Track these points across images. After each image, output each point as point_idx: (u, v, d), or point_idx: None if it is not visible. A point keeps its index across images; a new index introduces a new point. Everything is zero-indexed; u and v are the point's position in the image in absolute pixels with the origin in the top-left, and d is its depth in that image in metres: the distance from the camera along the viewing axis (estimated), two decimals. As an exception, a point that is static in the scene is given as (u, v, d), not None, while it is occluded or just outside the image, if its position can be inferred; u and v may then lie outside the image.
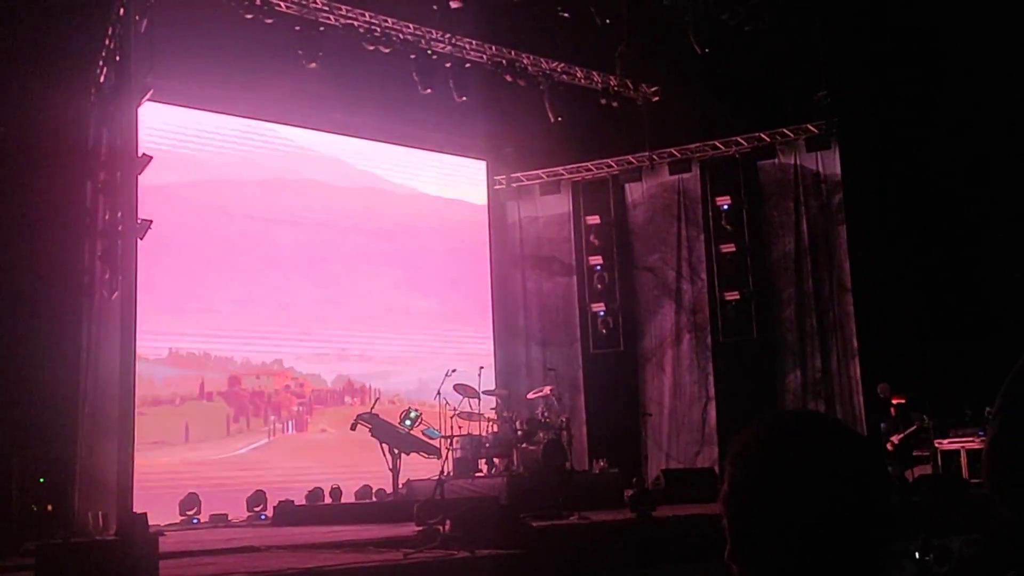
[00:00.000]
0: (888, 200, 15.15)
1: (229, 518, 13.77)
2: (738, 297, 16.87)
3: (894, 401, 14.25)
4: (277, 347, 16.15)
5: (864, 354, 15.98)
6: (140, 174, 10.27)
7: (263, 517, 13.73)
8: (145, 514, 9.53)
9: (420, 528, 8.98)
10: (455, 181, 18.72)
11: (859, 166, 16.10)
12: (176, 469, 14.24)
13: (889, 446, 13.47)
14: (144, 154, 10.44)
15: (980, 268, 14.24)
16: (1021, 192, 13.53)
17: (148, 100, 11.92)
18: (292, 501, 13.54)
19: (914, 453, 13.98)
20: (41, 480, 10.08)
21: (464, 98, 15.94)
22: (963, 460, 14.57)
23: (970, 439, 14.56)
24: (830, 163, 16.61)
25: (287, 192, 16.51)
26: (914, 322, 14.47)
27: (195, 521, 13.46)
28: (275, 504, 13.47)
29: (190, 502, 13.60)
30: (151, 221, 10.06)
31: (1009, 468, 1.88)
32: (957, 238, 14.52)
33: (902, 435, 13.53)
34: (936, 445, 14.70)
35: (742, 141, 17.22)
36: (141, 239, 9.99)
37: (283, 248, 16.28)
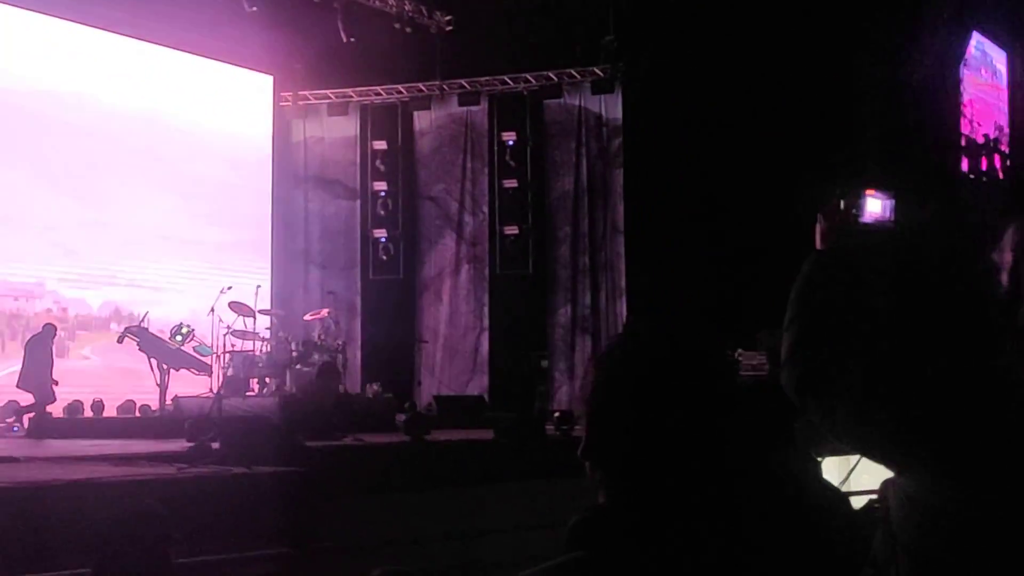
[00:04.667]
0: (665, 148, 15.73)
1: (-24, 429, 13.05)
2: (517, 232, 17.26)
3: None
4: (39, 269, 15.28)
5: (631, 293, 16.73)
6: None
7: (15, 430, 13.08)
8: None
9: (192, 444, 8.83)
10: (239, 96, 18.09)
11: (640, 112, 16.64)
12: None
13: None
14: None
15: (747, 222, 14.95)
16: (793, 144, 14.31)
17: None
18: (50, 413, 12.99)
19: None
20: None
21: (255, 8, 15.42)
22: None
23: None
24: (612, 107, 17.11)
25: (58, 103, 15.46)
26: (682, 265, 15.14)
27: (-62, 432, 12.70)
28: (31, 416, 12.88)
29: (-68, 412, 12.81)
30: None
31: (806, 373, 2.07)
32: (729, 189, 15.20)
33: None
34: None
35: (531, 79, 17.45)
36: None
37: (51, 163, 15.31)
